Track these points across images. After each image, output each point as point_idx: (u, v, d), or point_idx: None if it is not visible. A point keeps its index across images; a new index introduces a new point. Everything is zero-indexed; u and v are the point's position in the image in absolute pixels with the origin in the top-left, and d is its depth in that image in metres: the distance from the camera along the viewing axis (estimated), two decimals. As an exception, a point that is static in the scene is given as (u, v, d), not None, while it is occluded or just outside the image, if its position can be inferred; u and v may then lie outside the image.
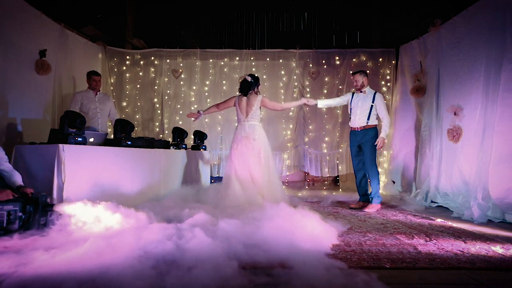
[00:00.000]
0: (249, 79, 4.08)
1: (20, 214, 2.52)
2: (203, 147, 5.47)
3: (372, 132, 4.28)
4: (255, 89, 4.11)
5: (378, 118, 4.36)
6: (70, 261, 1.87)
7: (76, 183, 3.17)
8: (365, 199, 4.37)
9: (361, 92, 4.35)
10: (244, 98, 4.09)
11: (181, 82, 6.45)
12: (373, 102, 4.28)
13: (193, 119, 4.31)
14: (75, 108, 4.63)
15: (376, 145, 4.18)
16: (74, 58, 5.37)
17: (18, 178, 2.86)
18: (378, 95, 4.33)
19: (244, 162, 3.95)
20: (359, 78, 4.33)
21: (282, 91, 6.36)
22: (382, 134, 4.20)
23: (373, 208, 4.12)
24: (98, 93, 4.84)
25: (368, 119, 4.30)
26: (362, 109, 4.32)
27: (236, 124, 4.22)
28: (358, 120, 4.34)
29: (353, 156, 4.46)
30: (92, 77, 4.76)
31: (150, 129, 6.41)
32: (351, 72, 6.28)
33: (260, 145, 3.97)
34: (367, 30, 6.98)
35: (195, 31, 7.23)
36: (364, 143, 4.29)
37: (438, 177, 4.66)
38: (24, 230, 2.53)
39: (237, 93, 4.27)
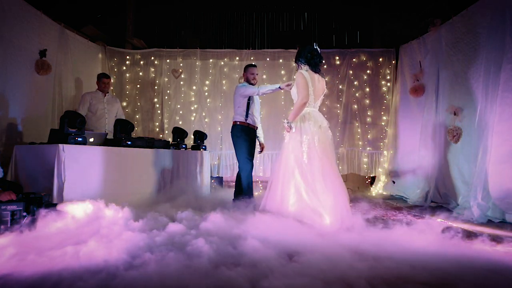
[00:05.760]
0: None
1: (25, 214, 2.54)
2: (203, 147, 5.47)
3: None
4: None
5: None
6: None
7: (76, 183, 3.18)
8: None
9: None
10: None
11: (181, 82, 6.45)
12: None
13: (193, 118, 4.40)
14: (84, 108, 4.76)
15: None
16: (74, 58, 5.37)
17: None
18: None
19: None
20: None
21: (282, 91, 6.35)
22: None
23: None
24: (107, 94, 4.98)
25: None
26: None
27: None
28: None
29: None
30: (102, 79, 4.93)
31: (150, 129, 6.41)
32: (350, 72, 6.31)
33: None
34: (367, 30, 6.98)
35: (195, 31, 7.23)
36: None
37: (438, 177, 4.66)
38: (28, 229, 2.53)
39: None
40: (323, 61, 3.42)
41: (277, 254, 2.09)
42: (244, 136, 4.08)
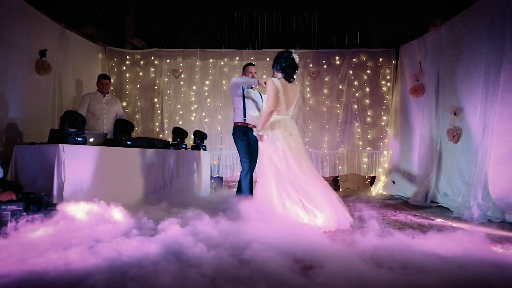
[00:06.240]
0: None
1: (25, 213, 2.54)
2: (203, 147, 5.47)
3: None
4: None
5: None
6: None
7: (76, 183, 3.18)
8: None
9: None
10: None
11: (181, 82, 6.45)
12: None
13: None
14: (83, 109, 4.81)
15: None
16: (74, 58, 5.37)
17: None
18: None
19: None
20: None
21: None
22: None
23: None
24: (106, 95, 5.00)
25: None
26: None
27: None
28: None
29: None
30: (101, 80, 4.96)
31: (150, 129, 6.41)
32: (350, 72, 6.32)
33: None
34: (367, 30, 6.98)
35: (195, 31, 7.23)
36: None
37: (438, 177, 4.66)
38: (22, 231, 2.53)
39: None
40: (323, 61, 3.41)
41: (288, 267, 1.86)
42: (242, 136, 4.08)
